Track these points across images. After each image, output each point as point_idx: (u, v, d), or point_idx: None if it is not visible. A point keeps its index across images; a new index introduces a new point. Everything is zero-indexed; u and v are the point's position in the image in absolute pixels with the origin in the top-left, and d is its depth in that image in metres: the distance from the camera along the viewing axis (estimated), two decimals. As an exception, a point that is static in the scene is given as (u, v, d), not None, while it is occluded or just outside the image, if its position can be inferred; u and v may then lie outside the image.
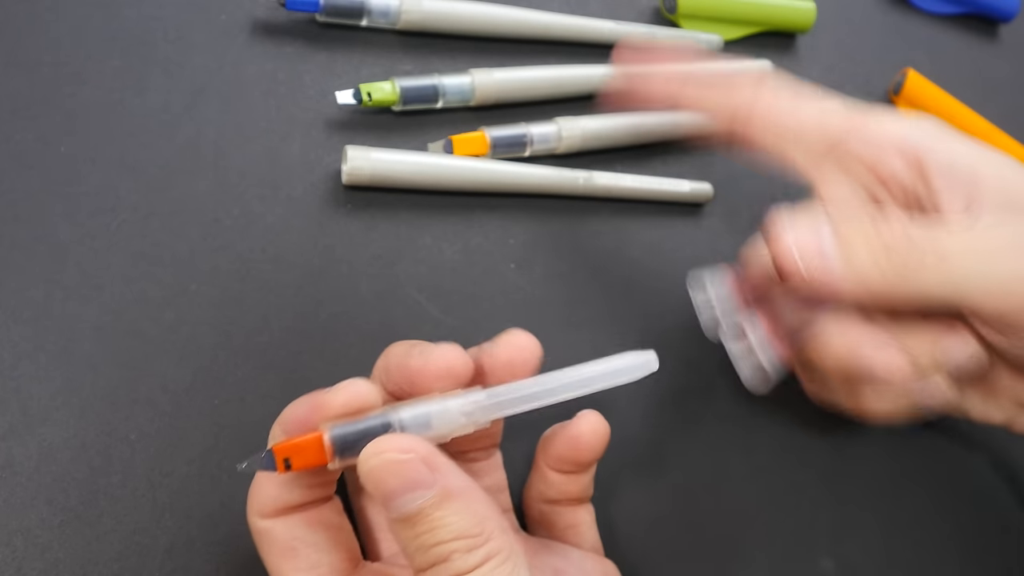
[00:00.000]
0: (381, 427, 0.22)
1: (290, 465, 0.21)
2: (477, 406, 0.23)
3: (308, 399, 0.23)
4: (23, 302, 0.29)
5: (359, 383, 0.22)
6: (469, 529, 0.20)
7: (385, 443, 0.21)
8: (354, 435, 0.21)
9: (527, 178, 0.35)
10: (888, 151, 0.28)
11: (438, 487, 0.20)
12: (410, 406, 0.22)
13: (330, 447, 0.21)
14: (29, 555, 0.26)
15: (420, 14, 0.36)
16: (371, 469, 0.21)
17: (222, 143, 0.33)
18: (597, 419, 0.27)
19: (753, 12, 0.44)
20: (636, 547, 0.32)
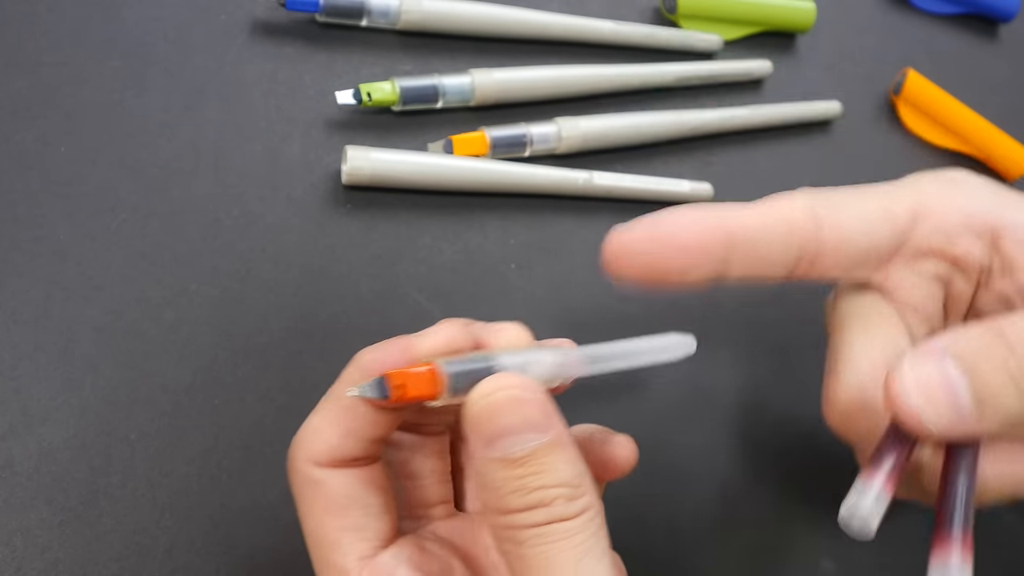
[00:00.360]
0: (485, 369, 0.21)
1: (400, 395, 0.20)
2: (569, 359, 0.23)
3: (391, 343, 0.22)
4: (23, 302, 0.29)
5: (453, 325, 0.22)
6: (573, 479, 0.20)
7: (510, 379, 0.20)
8: (466, 372, 0.21)
9: (527, 178, 0.35)
10: (959, 230, 0.26)
11: (553, 433, 0.20)
12: (509, 353, 0.22)
13: (444, 380, 0.20)
14: (29, 555, 0.26)
15: (420, 14, 0.36)
16: (489, 403, 0.20)
17: (222, 143, 0.33)
18: (629, 446, 0.26)
19: (753, 12, 0.44)
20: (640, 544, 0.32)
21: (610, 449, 0.26)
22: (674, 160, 0.40)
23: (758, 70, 0.43)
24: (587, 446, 0.26)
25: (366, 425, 0.22)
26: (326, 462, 0.22)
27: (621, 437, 0.26)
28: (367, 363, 0.22)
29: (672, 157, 0.40)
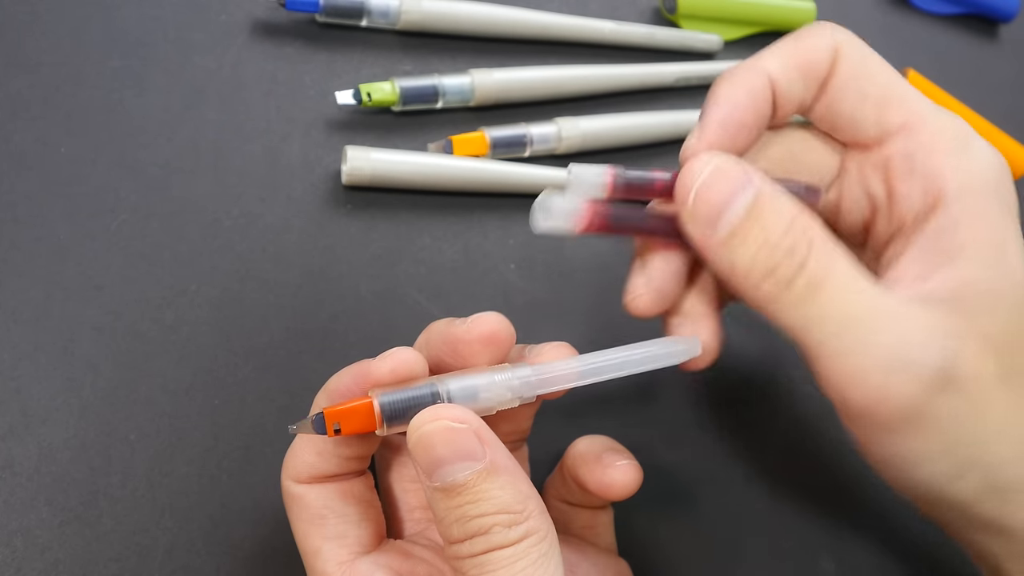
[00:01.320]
0: (429, 396, 0.22)
1: (339, 429, 0.21)
2: (523, 381, 0.23)
3: (354, 368, 0.23)
4: (23, 302, 0.29)
5: (406, 351, 0.22)
6: (512, 505, 0.20)
7: (439, 411, 0.21)
8: (403, 403, 0.21)
9: (527, 178, 0.35)
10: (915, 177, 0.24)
11: (487, 460, 0.20)
12: (457, 377, 0.22)
13: (379, 413, 0.21)
14: (29, 555, 0.26)
15: (420, 14, 0.36)
16: (423, 435, 0.21)
17: (222, 143, 0.33)
18: (632, 472, 0.26)
19: (753, 12, 0.44)
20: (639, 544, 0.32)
21: (612, 473, 0.26)
22: (674, 160, 0.40)
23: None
24: (593, 466, 0.26)
25: (338, 445, 0.23)
26: (305, 479, 0.24)
27: (625, 463, 0.26)
28: (333, 388, 0.23)
29: (672, 157, 0.40)
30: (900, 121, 0.24)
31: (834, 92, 0.25)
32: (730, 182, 0.23)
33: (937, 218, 0.23)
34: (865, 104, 0.25)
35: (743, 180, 0.23)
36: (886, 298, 0.22)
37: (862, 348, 0.22)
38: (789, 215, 0.22)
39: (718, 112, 0.25)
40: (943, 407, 0.22)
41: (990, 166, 0.23)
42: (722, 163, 0.23)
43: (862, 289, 0.22)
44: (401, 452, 0.27)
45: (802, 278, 0.22)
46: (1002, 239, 0.23)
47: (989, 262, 0.23)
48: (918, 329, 0.22)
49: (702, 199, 0.23)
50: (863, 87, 0.25)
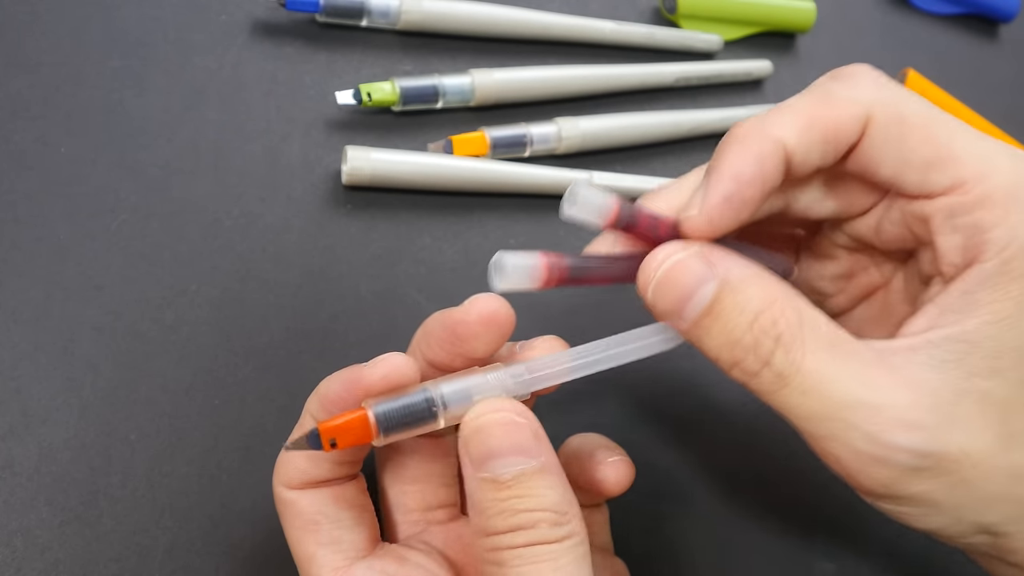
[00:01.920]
0: (423, 402, 0.22)
1: (335, 445, 0.21)
2: (517, 379, 0.22)
3: (345, 374, 0.23)
4: (23, 302, 0.29)
5: (396, 356, 0.22)
6: (559, 505, 0.21)
7: (503, 403, 0.21)
8: (397, 412, 0.21)
9: (527, 178, 0.35)
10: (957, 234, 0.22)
11: (542, 458, 0.21)
12: (449, 381, 0.22)
13: (375, 424, 0.21)
14: (29, 555, 0.26)
15: (420, 14, 0.36)
16: (482, 424, 0.21)
17: (222, 143, 0.33)
18: (624, 469, 0.26)
19: (753, 12, 0.44)
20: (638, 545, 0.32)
21: (604, 470, 0.26)
22: (674, 160, 0.40)
23: (758, 70, 0.43)
24: (586, 464, 0.26)
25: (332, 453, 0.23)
26: (297, 485, 0.23)
27: (617, 460, 0.26)
28: (324, 395, 0.23)
29: (672, 157, 0.40)
30: (947, 183, 0.22)
31: (864, 158, 0.23)
32: (688, 277, 0.22)
33: (968, 276, 0.22)
34: (905, 168, 0.23)
35: (703, 275, 0.22)
36: (866, 385, 0.21)
37: (835, 439, 0.21)
38: (753, 312, 0.21)
39: (721, 187, 0.23)
40: (922, 488, 0.22)
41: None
42: (684, 258, 0.22)
43: (834, 383, 0.21)
44: (402, 453, 0.27)
45: (769, 372, 0.21)
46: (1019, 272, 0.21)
47: (1005, 321, 0.21)
48: (894, 420, 0.21)
49: (660, 294, 0.22)
50: (902, 153, 0.23)
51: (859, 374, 0.21)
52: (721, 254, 0.22)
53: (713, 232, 0.23)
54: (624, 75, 0.40)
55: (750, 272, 0.22)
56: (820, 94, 0.23)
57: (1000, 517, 0.22)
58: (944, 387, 0.21)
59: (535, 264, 0.23)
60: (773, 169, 0.22)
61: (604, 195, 0.23)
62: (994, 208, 0.21)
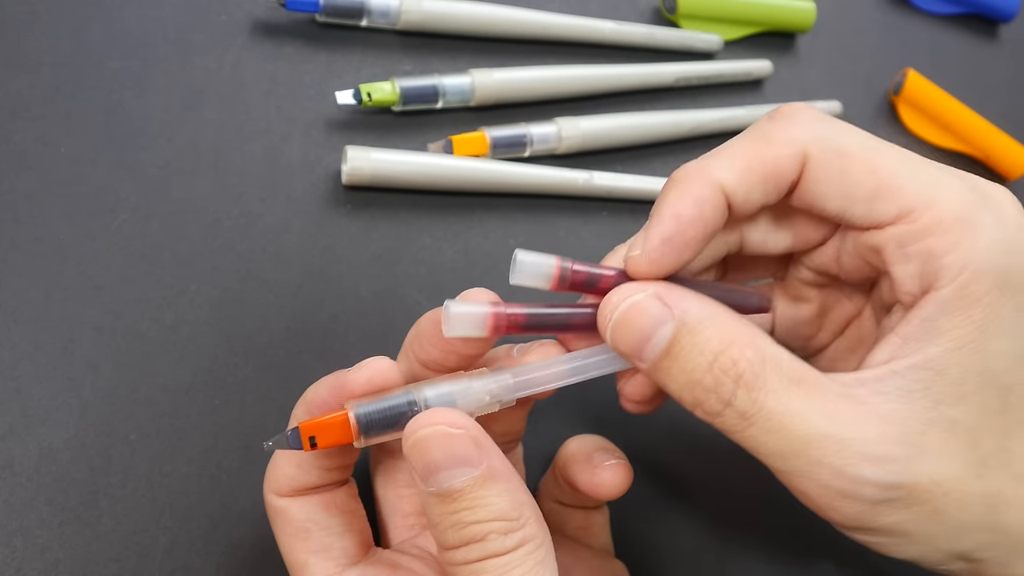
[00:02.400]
0: (406, 405, 0.22)
1: (315, 443, 0.21)
2: (501, 385, 0.22)
3: (330, 379, 0.23)
4: (23, 302, 0.29)
5: (380, 360, 0.22)
6: (508, 512, 0.20)
7: (436, 416, 0.21)
8: (378, 413, 0.21)
9: (527, 178, 0.35)
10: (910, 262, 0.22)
11: (484, 466, 0.20)
12: (434, 384, 0.22)
13: (355, 425, 0.21)
14: (29, 555, 0.26)
15: (420, 14, 0.36)
16: (419, 439, 0.20)
17: (222, 143, 0.33)
18: (622, 472, 0.25)
19: (753, 12, 0.44)
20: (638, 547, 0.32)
21: (602, 473, 0.25)
22: (674, 160, 0.40)
23: (758, 70, 0.43)
24: (584, 466, 0.26)
25: (319, 457, 0.23)
26: (287, 492, 0.23)
27: (615, 463, 0.26)
28: (310, 400, 0.23)
29: (672, 157, 0.40)
30: (894, 213, 0.22)
31: (808, 194, 0.23)
32: (647, 319, 0.22)
33: (927, 303, 0.22)
34: (850, 201, 0.23)
35: (661, 317, 0.22)
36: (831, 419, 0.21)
37: (803, 475, 0.21)
38: (712, 352, 0.21)
39: (661, 228, 0.22)
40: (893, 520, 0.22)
41: (993, 246, 0.21)
42: (640, 300, 0.22)
43: (799, 419, 0.21)
44: (396, 456, 0.27)
45: (732, 412, 0.21)
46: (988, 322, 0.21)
47: (968, 347, 0.21)
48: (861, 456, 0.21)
49: (618, 336, 0.22)
50: (844, 187, 0.23)
51: (824, 409, 0.21)
52: (679, 294, 0.22)
53: (656, 272, 0.23)
54: (624, 75, 0.40)
55: (708, 312, 0.22)
56: (758, 135, 0.23)
57: (975, 544, 0.22)
58: (911, 417, 0.21)
59: (481, 314, 0.22)
60: (712, 211, 0.22)
61: (545, 259, 0.23)
62: (945, 234, 0.21)
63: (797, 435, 0.21)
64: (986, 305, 0.21)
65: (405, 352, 0.25)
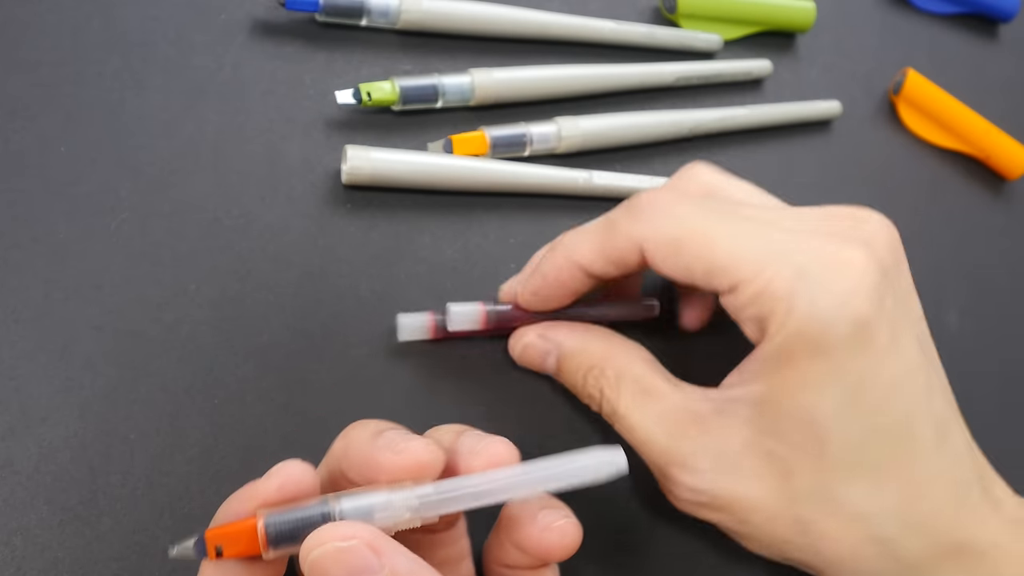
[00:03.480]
0: (320, 516, 0.21)
1: (221, 553, 0.20)
2: (423, 500, 0.22)
3: (241, 491, 0.22)
4: (23, 302, 0.29)
5: (293, 465, 0.22)
6: None
7: (326, 533, 0.20)
8: (290, 523, 0.21)
9: (527, 178, 0.35)
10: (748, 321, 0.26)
11: (385, 571, 0.20)
12: (351, 496, 0.21)
13: (263, 535, 0.20)
14: (29, 555, 0.26)
15: (420, 14, 0.36)
16: (314, 561, 0.20)
17: (222, 143, 0.33)
18: (570, 531, 0.24)
19: (753, 12, 0.44)
20: (637, 547, 0.32)
21: (548, 536, 0.24)
22: (674, 160, 0.40)
23: (758, 70, 0.43)
24: (528, 528, 0.24)
25: (244, 571, 0.22)
26: None
27: (562, 523, 0.24)
28: (221, 518, 0.22)
29: (672, 157, 0.40)
30: (727, 285, 0.25)
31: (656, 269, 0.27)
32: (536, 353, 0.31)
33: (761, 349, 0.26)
34: (691, 276, 0.26)
35: (545, 350, 0.31)
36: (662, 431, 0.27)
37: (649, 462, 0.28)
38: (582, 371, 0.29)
39: (532, 283, 0.30)
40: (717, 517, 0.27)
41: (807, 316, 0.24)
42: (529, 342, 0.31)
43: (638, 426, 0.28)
44: None
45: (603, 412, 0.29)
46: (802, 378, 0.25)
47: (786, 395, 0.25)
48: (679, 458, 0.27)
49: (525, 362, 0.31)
50: (680, 269, 0.26)
51: (661, 419, 0.27)
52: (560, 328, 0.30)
53: (530, 309, 0.30)
54: (624, 75, 0.40)
55: (579, 341, 0.30)
56: (607, 226, 0.28)
57: (798, 555, 0.26)
58: (734, 438, 0.26)
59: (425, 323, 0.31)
60: (571, 279, 0.29)
61: (420, 317, 0.31)
62: (770, 300, 0.25)
63: (637, 436, 0.28)
64: (799, 364, 0.24)
65: (332, 457, 0.24)
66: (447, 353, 0.32)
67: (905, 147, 0.46)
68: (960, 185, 0.46)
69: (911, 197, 0.44)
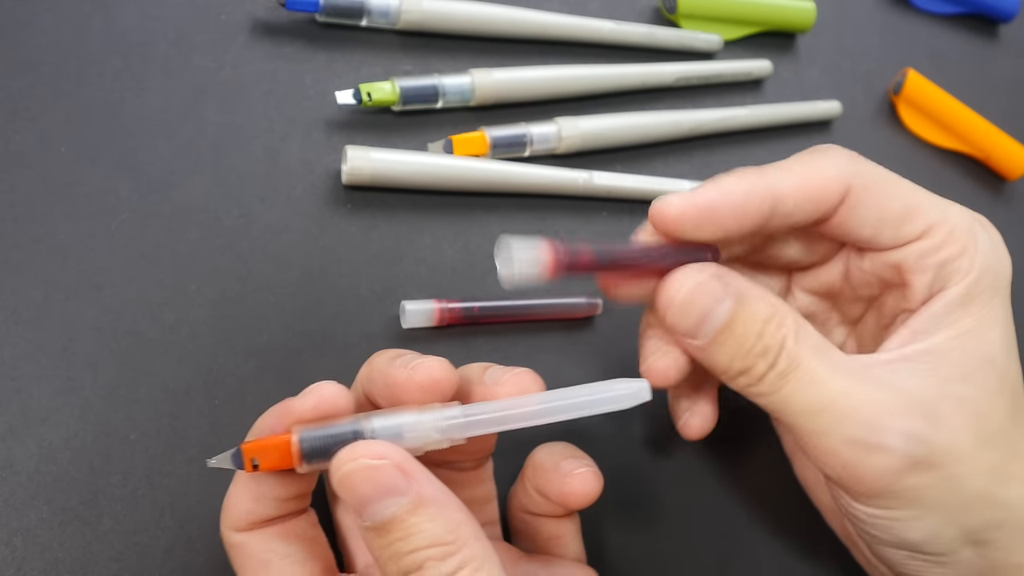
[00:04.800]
0: (351, 434, 0.21)
1: (257, 465, 0.21)
2: (451, 423, 0.22)
3: (277, 406, 0.22)
4: (23, 302, 0.29)
5: (328, 385, 0.22)
6: (443, 536, 0.20)
7: (358, 449, 0.21)
8: (323, 440, 0.21)
9: (527, 178, 0.35)
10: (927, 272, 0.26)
11: (412, 493, 0.20)
12: (382, 416, 0.22)
13: (297, 449, 0.21)
14: (29, 555, 0.26)
15: (420, 14, 0.36)
16: (344, 475, 0.20)
17: (222, 143, 0.33)
18: (591, 480, 0.25)
19: (753, 12, 0.44)
20: (612, 554, 0.32)
21: (571, 482, 0.25)
22: (674, 160, 0.40)
23: (758, 70, 0.43)
24: (551, 475, 0.26)
25: (274, 488, 0.23)
26: (244, 526, 0.23)
27: (583, 471, 0.25)
28: (258, 426, 0.23)
29: (672, 157, 0.40)
30: (918, 231, 0.25)
31: (843, 221, 0.26)
32: (708, 298, 0.24)
33: (934, 302, 0.25)
34: (881, 225, 0.26)
35: (720, 295, 0.24)
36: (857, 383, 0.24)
37: (831, 432, 0.24)
38: (761, 320, 0.24)
39: (706, 192, 0.25)
40: (915, 482, 0.24)
41: (989, 253, 0.25)
42: (703, 280, 0.24)
43: (829, 379, 0.24)
44: None
45: (772, 374, 0.24)
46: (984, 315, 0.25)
47: (967, 335, 0.25)
48: (886, 411, 0.23)
49: (681, 314, 0.25)
50: (878, 212, 0.26)
51: (849, 375, 0.24)
52: (732, 274, 0.25)
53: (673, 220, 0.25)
54: (624, 75, 0.40)
55: (754, 287, 0.25)
56: (807, 161, 0.26)
57: (982, 521, 0.24)
58: (923, 390, 0.24)
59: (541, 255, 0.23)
60: (756, 204, 0.25)
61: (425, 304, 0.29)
62: (956, 243, 0.25)
63: (828, 390, 0.24)
64: (984, 301, 0.25)
65: (358, 384, 0.25)
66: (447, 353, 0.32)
67: (905, 147, 0.46)
68: (960, 185, 0.46)
69: (911, 197, 0.44)
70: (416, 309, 0.31)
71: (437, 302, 0.31)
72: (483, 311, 0.32)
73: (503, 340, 0.33)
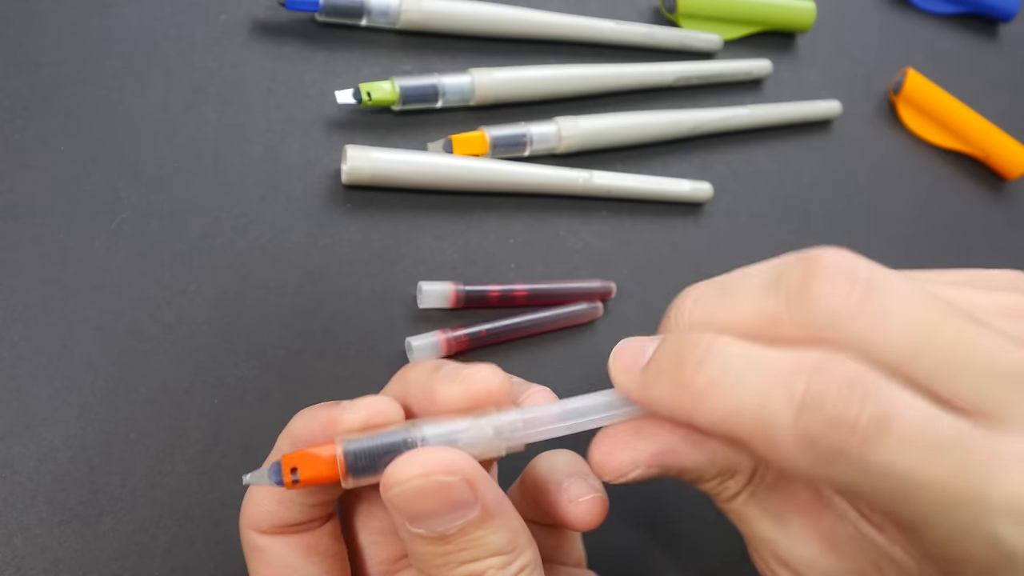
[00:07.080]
0: (402, 444, 0.19)
1: (298, 479, 0.19)
2: (512, 429, 0.20)
3: (321, 411, 0.21)
4: (23, 302, 0.29)
5: (382, 401, 0.20)
6: (505, 546, 0.19)
7: (427, 462, 0.19)
8: (371, 451, 0.19)
9: (527, 178, 0.35)
10: None
11: (480, 505, 0.19)
12: (434, 423, 0.20)
13: (343, 463, 0.19)
14: (29, 554, 0.26)
15: (420, 14, 0.36)
16: (410, 491, 0.19)
17: (222, 143, 0.33)
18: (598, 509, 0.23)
19: (753, 12, 0.44)
20: (613, 558, 0.32)
21: (574, 510, 0.23)
22: (674, 160, 0.40)
23: (758, 70, 0.43)
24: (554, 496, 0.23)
25: (302, 492, 0.21)
26: (267, 529, 0.22)
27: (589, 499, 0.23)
28: (297, 431, 0.21)
29: (672, 157, 0.40)
30: None
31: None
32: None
33: None
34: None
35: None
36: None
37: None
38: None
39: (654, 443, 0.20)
40: None
41: None
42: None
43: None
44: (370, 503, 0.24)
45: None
46: None
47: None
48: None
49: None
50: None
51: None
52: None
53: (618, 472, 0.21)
54: (624, 74, 0.40)
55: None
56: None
57: None
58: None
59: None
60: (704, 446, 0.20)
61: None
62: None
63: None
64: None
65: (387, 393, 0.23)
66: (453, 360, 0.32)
67: (905, 147, 0.46)
68: (960, 185, 0.46)
69: (911, 197, 0.44)
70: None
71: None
72: (490, 333, 0.33)
73: (506, 344, 0.33)
